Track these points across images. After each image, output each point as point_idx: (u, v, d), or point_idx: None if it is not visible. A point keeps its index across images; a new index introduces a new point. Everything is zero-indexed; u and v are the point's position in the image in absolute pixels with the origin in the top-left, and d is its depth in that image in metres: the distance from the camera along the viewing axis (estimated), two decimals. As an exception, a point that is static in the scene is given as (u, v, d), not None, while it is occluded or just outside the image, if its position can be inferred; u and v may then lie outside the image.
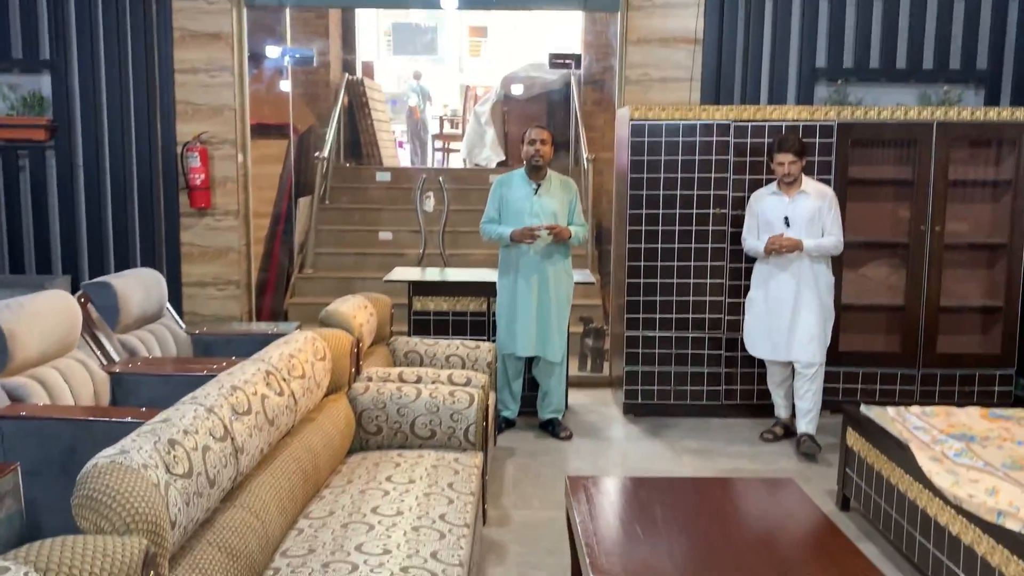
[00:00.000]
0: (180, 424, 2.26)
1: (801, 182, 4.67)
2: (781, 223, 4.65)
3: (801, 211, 4.62)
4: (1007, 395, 5.40)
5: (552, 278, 4.85)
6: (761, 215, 4.75)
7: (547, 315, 4.86)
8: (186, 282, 5.88)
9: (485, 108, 9.92)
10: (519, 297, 4.86)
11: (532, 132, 4.85)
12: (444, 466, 3.32)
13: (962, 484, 2.98)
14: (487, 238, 4.96)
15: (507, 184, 4.91)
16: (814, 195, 4.65)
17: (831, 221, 4.64)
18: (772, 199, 4.73)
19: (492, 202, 4.93)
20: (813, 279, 4.66)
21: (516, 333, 4.87)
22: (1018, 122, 5.19)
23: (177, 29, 5.68)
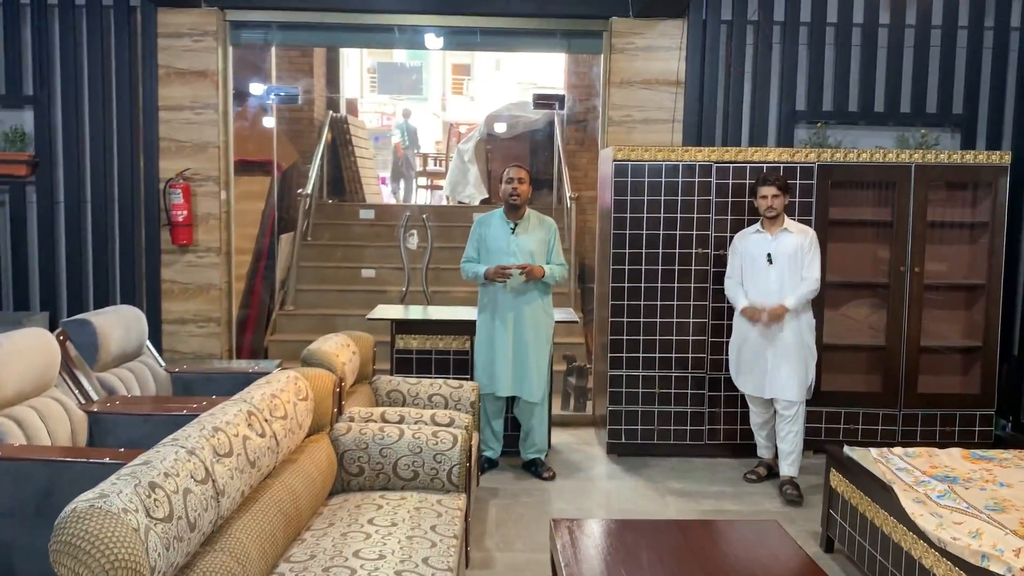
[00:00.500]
0: (161, 466, 2.23)
1: (783, 220, 4.72)
2: (764, 260, 4.69)
3: (784, 248, 4.67)
4: (987, 435, 5.43)
5: (529, 317, 4.84)
6: (744, 253, 4.80)
7: (524, 355, 4.85)
8: (166, 319, 5.82)
9: (468, 146, 9.98)
10: (496, 336, 4.85)
11: (510, 171, 4.88)
12: (427, 508, 3.28)
13: (946, 526, 2.98)
14: (466, 277, 4.98)
15: (486, 223, 4.93)
16: (796, 233, 4.71)
17: (810, 261, 4.69)
18: (755, 237, 4.78)
19: (471, 241, 4.96)
20: (795, 319, 4.68)
21: (494, 373, 4.85)
22: (994, 165, 5.28)
23: (162, 66, 5.69)
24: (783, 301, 4.64)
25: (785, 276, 4.68)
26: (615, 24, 5.75)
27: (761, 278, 4.72)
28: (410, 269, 6.55)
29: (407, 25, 6.10)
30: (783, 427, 4.73)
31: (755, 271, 4.74)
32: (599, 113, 6.13)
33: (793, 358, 4.67)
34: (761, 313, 4.70)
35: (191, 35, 5.69)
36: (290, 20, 5.97)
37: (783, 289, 4.67)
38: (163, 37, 5.68)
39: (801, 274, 4.68)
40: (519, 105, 9.99)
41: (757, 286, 4.74)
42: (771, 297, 4.70)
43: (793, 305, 4.63)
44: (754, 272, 4.75)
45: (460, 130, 14.46)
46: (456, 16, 5.97)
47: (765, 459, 5.01)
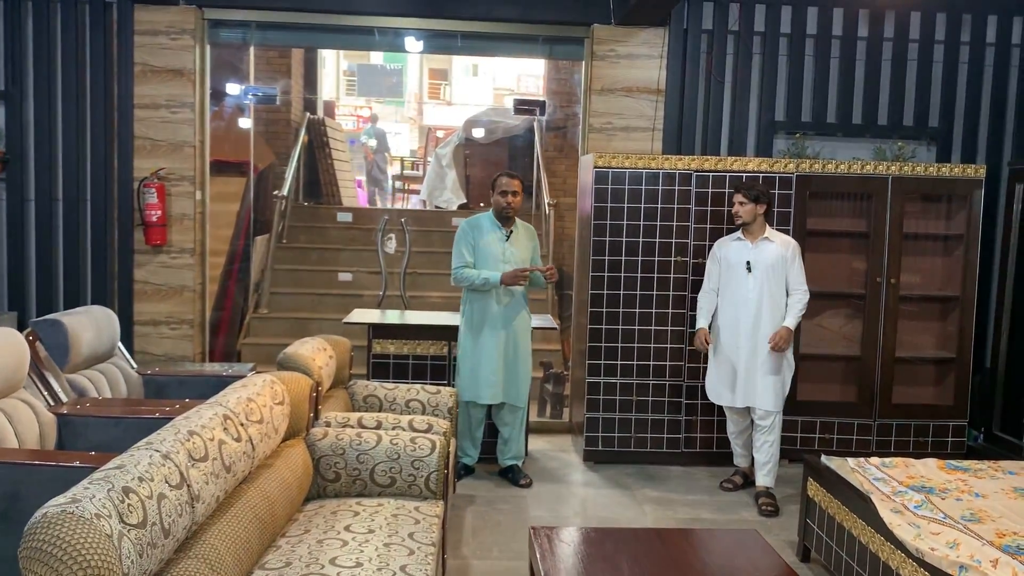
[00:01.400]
0: (135, 471, 2.17)
1: (764, 229, 4.72)
2: (743, 268, 4.69)
3: (764, 257, 4.66)
4: (960, 445, 5.48)
5: (518, 324, 4.84)
6: (723, 260, 4.79)
7: (514, 361, 4.84)
8: (138, 320, 5.73)
9: (447, 150, 9.95)
10: (485, 345, 4.81)
11: (504, 182, 4.81)
12: (404, 515, 3.24)
13: (924, 537, 2.99)
14: (465, 283, 4.80)
15: (477, 228, 4.88)
16: (778, 243, 4.70)
17: (795, 272, 4.68)
18: (735, 244, 4.77)
19: (464, 246, 4.84)
20: (772, 330, 4.66)
21: (481, 381, 4.81)
22: (969, 178, 5.34)
23: (138, 64, 5.60)
24: (784, 323, 4.63)
25: (763, 286, 4.66)
26: (597, 31, 5.75)
27: (739, 286, 4.71)
28: (387, 273, 6.49)
29: (388, 27, 6.06)
30: (760, 437, 4.73)
31: (733, 279, 4.73)
32: (579, 120, 6.12)
33: (771, 368, 4.67)
34: (707, 345, 4.78)
35: (168, 33, 5.61)
36: (269, 20, 5.91)
37: (761, 299, 4.66)
38: (139, 34, 5.60)
39: (784, 287, 4.67)
40: (499, 111, 9.99)
41: (734, 294, 4.73)
42: (748, 306, 4.68)
43: (793, 324, 4.64)
44: (732, 280, 4.74)
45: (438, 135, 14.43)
46: (437, 20, 5.93)
47: (741, 467, 5.01)
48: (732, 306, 4.74)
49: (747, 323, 4.69)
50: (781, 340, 4.61)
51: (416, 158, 14.04)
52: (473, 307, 4.86)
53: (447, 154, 9.95)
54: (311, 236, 8.61)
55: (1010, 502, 3.38)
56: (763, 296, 4.66)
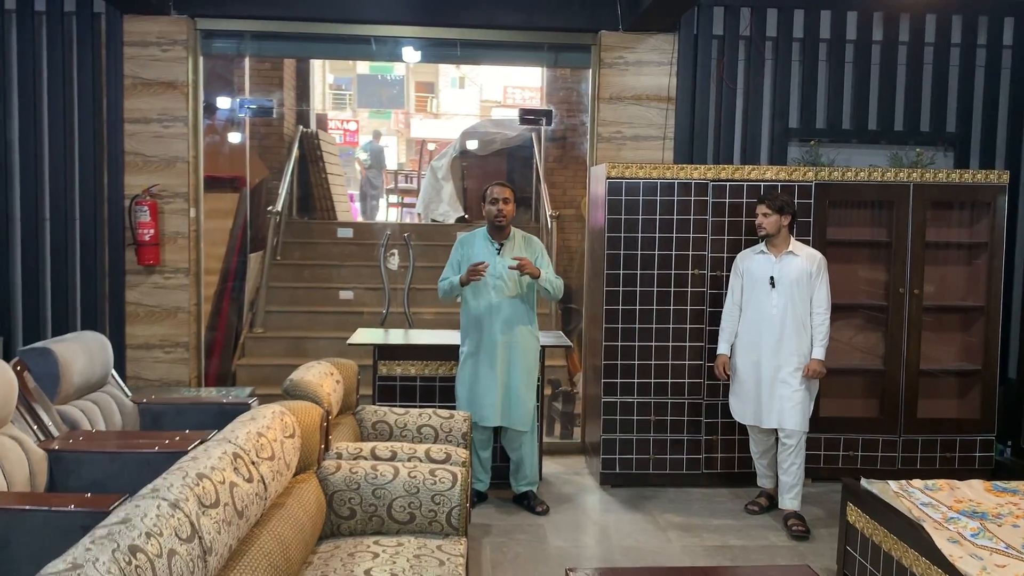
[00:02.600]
0: (141, 525, 1.94)
1: (789, 243, 4.53)
2: (766, 283, 4.50)
3: (788, 272, 4.47)
4: (988, 461, 5.29)
5: (517, 342, 4.59)
6: (747, 275, 4.60)
7: (513, 381, 4.60)
8: (130, 344, 5.47)
9: (442, 163, 9.73)
10: (482, 363, 4.59)
11: (494, 190, 4.62)
12: (427, 555, 3.01)
13: (990, 570, 2.79)
14: (443, 295, 4.70)
15: (469, 244, 4.68)
16: (803, 257, 4.50)
17: (820, 290, 4.48)
18: (759, 258, 4.58)
19: (451, 262, 4.69)
20: (796, 348, 4.47)
21: (481, 402, 4.58)
22: (992, 184, 5.17)
23: (128, 76, 5.37)
24: (813, 355, 4.46)
25: (787, 302, 4.46)
26: (604, 38, 5.57)
27: (762, 302, 4.52)
28: (390, 290, 6.26)
29: (386, 36, 5.86)
30: (786, 458, 4.51)
31: (756, 294, 4.54)
32: (586, 129, 5.94)
33: (795, 386, 4.46)
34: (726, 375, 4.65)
35: (159, 44, 5.38)
36: (263, 30, 5.70)
37: (784, 315, 4.47)
38: (129, 46, 5.37)
39: (809, 303, 4.47)
40: (496, 122, 9.79)
41: (757, 310, 4.54)
42: (771, 323, 4.49)
43: (822, 355, 4.45)
44: (755, 295, 4.55)
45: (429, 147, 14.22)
46: (436, 28, 5.74)
47: (766, 488, 4.80)
48: (754, 323, 4.55)
49: (770, 341, 4.49)
50: (814, 374, 4.45)
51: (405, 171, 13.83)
52: (468, 325, 4.65)
53: (443, 167, 9.74)
54: (308, 252, 8.37)
55: (1069, 528, 3.18)
56: (787, 313, 4.46)
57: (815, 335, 4.49)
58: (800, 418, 4.48)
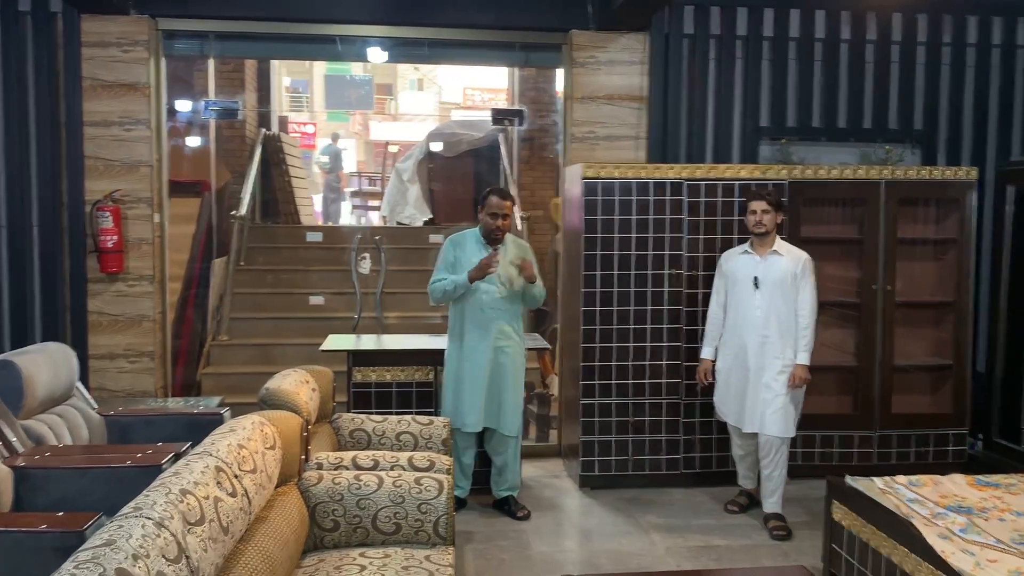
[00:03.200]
0: (127, 547, 1.84)
1: (774, 241, 4.46)
2: (750, 284, 4.43)
3: (772, 273, 4.40)
4: (961, 454, 5.34)
5: (505, 344, 4.54)
6: (730, 275, 4.54)
7: (501, 384, 4.54)
8: (93, 354, 5.30)
9: (407, 164, 9.63)
10: (470, 365, 4.52)
11: (494, 202, 4.49)
12: (416, 567, 2.93)
13: (984, 566, 2.78)
14: (437, 298, 4.55)
15: (460, 245, 4.59)
16: (788, 257, 4.42)
17: (805, 291, 4.38)
18: (743, 258, 4.51)
19: (442, 263, 4.58)
20: (780, 351, 4.39)
21: (468, 405, 4.51)
22: (961, 181, 5.23)
23: (87, 78, 5.20)
24: (797, 360, 4.36)
25: (771, 304, 4.38)
26: (576, 37, 5.52)
27: (745, 303, 4.45)
28: (362, 294, 6.15)
29: (354, 36, 5.75)
30: (767, 463, 4.46)
31: (739, 295, 4.47)
32: (555, 129, 5.90)
33: (778, 391, 4.38)
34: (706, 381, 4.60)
35: (119, 45, 5.22)
36: (227, 30, 5.56)
37: (768, 317, 4.39)
38: (88, 46, 5.20)
39: (793, 306, 4.38)
40: (462, 123, 9.71)
41: (740, 312, 4.48)
42: (754, 325, 4.41)
43: (807, 360, 4.37)
44: (738, 297, 4.48)
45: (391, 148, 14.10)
46: (405, 27, 5.65)
47: (746, 488, 4.78)
48: (738, 324, 4.49)
49: (753, 342, 4.42)
50: (800, 381, 4.37)
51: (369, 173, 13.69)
52: (457, 328, 4.57)
53: (408, 168, 9.63)
54: (274, 257, 8.20)
55: (1055, 520, 3.20)
56: (770, 315, 4.38)
57: (800, 339, 4.38)
58: (781, 424, 4.39)
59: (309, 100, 19.91)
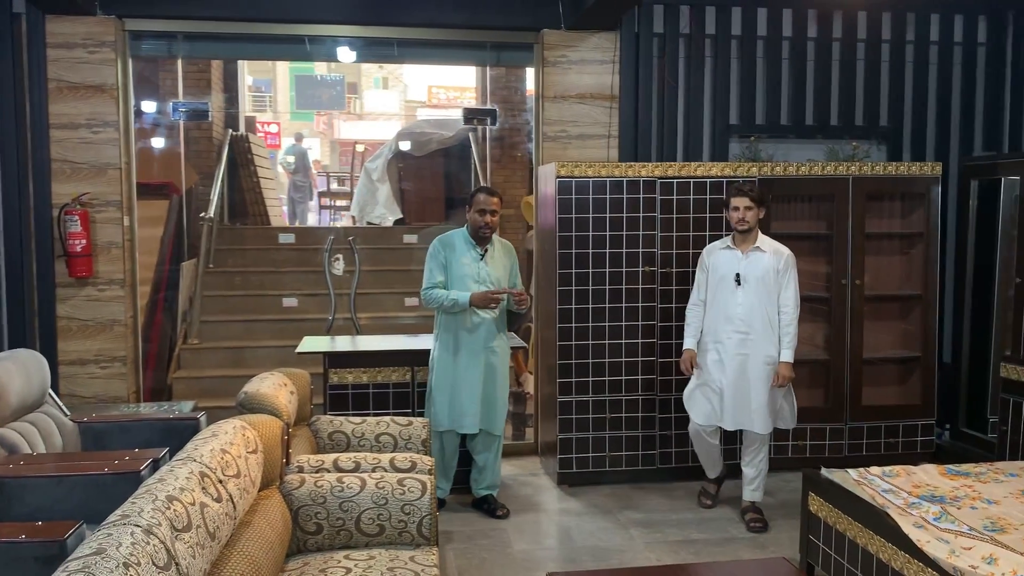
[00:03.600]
0: (117, 555, 1.83)
1: (756, 237, 4.44)
2: (732, 280, 4.39)
3: (754, 269, 4.36)
4: (929, 444, 5.45)
5: (497, 348, 4.59)
6: (713, 270, 4.49)
7: (493, 387, 4.58)
8: (63, 360, 5.22)
9: (377, 164, 9.58)
10: (465, 371, 4.51)
11: (482, 199, 4.50)
12: (401, 567, 2.93)
13: (959, 554, 2.85)
14: (434, 305, 4.54)
15: (449, 246, 4.57)
16: (770, 253, 4.39)
17: (788, 288, 4.37)
18: (725, 253, 4.47)
19: (435, 265, 4.55)
20: (762, 348, 4.37)
21: (463, 409, 4.51)
22: (926, 176, 5.33)
23: (53, 80, 5.12)
24: (781, 358, 4.34)
25: (753, 300, 4.34)
26: (547, 36, 5.54)
27: (727, 300, 4.40)
28: (336, 296, 6.11)
29: (324, 36, 5.73)
30: (751, 455, 4.50)
31: (721, 292, 4.43)
32: (526, 128, 5.92)
33: (761, 389, 4.38)
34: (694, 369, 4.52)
35: (85, 46, 5.15)
36: (196, 30, 5.52)
37: (751, 314, 4.35)
38: (53, 47, 5.12)
39: (776, 302, 4.37)
40: (432, 122, 9.69)
41: (722, 309, 4.43)
42: (736, 322, 4.37)
43: (791, 357, 4.35)
44: (720, 293, 4.43)
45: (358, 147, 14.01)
46: (375, 27, 5.63)
47: (712, 477, 4.77)
48: (719, 321, 4.44)
49: (735, 340, 4.38)
50: (784, 380, 4.37)
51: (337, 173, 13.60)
52: (449, 331, 4.56)
53: (377, 168, 9.59)
54: (244, 259, 8.13)
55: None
56: (753, 312, 4.35)
57: (783, 336, 4.36)
58: (764, 421, 4.40)
59: (273, 100, 19.74)
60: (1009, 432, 4.70)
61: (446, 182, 9.08)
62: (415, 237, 7.96)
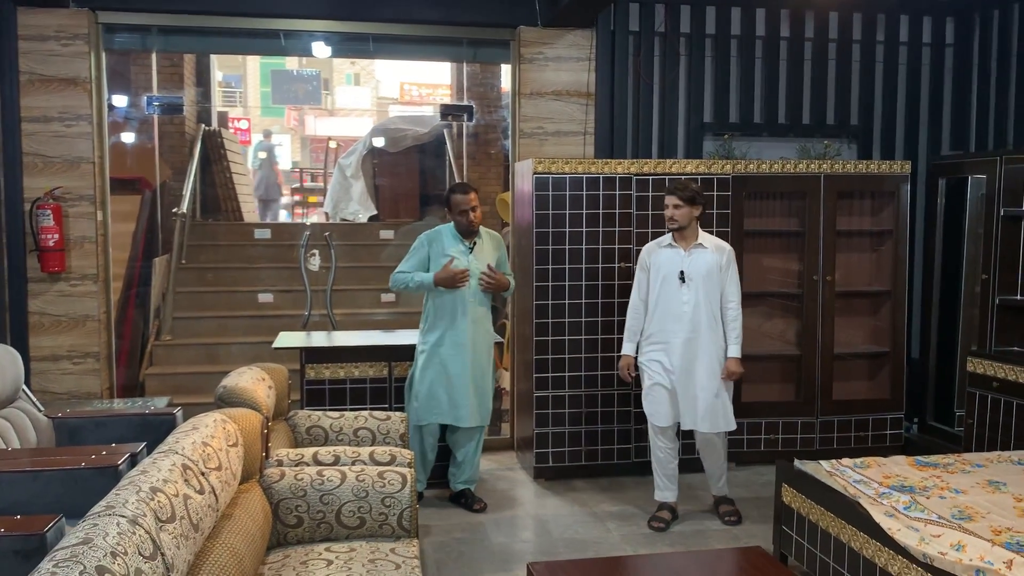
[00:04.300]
0: (105, 544, 1.83)
1: (697, 235, 4.38)
2: (676, 278, 4.34)
3: (698, 266, 4.32)
4: (898, 438, 5.55)
5: (483, 339, 4.61)
6: (655, 269, 4.41)
7: (483, 379, 4.61)
8: (35, 356, 5.17)
9: (351, 160, 9.55)
10: (455, 363, 4.53)
11: (458, 200, 4.52)
12: (382, 559, 2.95)
13: (928, 541, 2.92)
14: (399, 287, 4.60)
15: (436, 240, 4.60)
16: (712, 249, 4.35)
17: (730, 282, 4.36)
18: (667, 252, 4.40)
19: (413, 256, 4.59)
20: (710, 345, 4.33)
21: (446, 403, 4.53)
22: (896, 174, 5.43)
23: (25, 73, 5.06)
24: (729, 353, 4.32)
25: (700, 297, 4.29)
26: (523, 33, 5.57)
27: (672, 298, 4.33)
28: (312, 291, 6.10)
29: (299, 31, 5.71)
30: (709, 453, 4.44)
31: (666, 291, 4.34)
32: (501, 125, 5.95)
33: (711, 387, 4.32)
34: (631, 377, 4.47)
35: (58, 38, 5.09)
36: (169, 24, 5.47)
37: (697, 312, 4.29)
38: (25, 40, 5.06)
39: (721, 298, 4.35)
40: (406, 118, 9.68)
41: (668, 308, 4.34)
42: (683, 321, 4.30)
43: (738, 352, 4.33)
44: (665, 292, 4.35)
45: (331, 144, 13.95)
46: (351, 22, 5.62)
47: (668, 502, 4.48)
48: (665, 320, 4.35)
49: (681, 338, 4.31)
50: (733, 375, 4.35)
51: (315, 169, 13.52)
52: (436, 325, 4.58)
53: (351, 164, 9.56)
54: (217, 255, 8.08)
55: (991, 496, 3.37)
56: (699, 309, 4.30)
57: (729, 331, 4.34)
58: (720, 420, 4.34)
59: (243, 95, 19.58)
60: (975, 425, 4.81)
61: (421, 178, 9.09)
62: (392, 233, 7.95)
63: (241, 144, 14.77)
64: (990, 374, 4.76)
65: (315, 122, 20.32)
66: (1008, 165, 5.08)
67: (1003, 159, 5.09)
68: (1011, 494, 3.38)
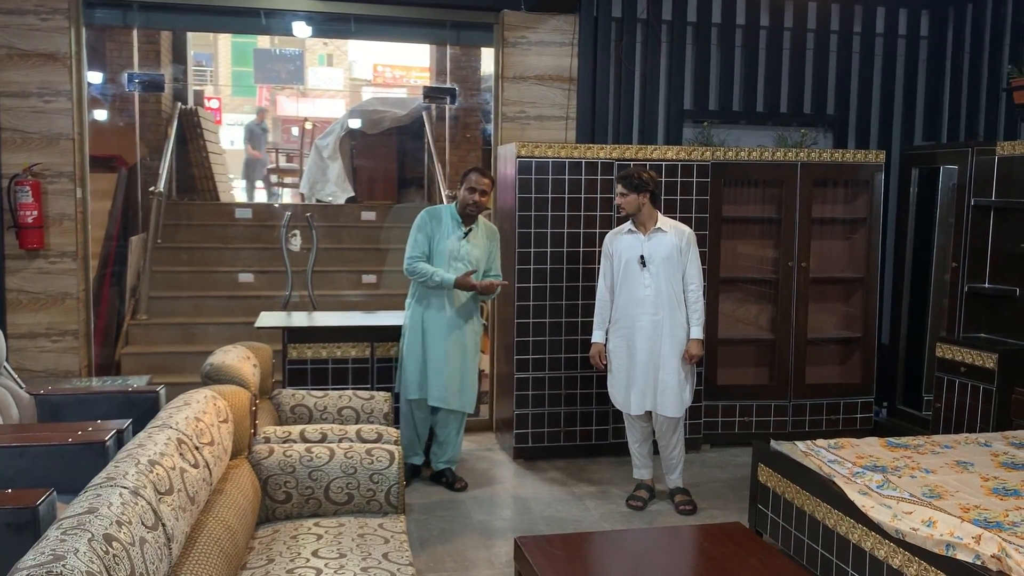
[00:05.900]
0: (110, 514, 1.87)
1: (656, 220, 4.39)
2: (636, 262, 4.36)
3: (658, 250, 4.34)
4: (868, 421, 5.69)
5: (469, 326, 4.67)
6: (617, 255, 4.43)
7: (466, 365, 4.65)
8: (13, 334, 5.13)
9: (328, 141, 9.51)
10: (438, 346, 4.57)
11: (474, 179, 4.54)
12: (371, 534, 3.00)
13: (900, 517, 3.03)
14: (417, 277, 4.54)
15: (436, 219, 4.62)
16: (672, 233, 4.37)
17: (691, 264, 4.37)
18: (628, 237, 4.43)
19: (420, 236, 4.57)
20: (671, 329, 4.35)
21: (435, 383, 4.58)
22: (870, 164, 5.54)
23: (3, 47, 5.00)
24: (691, 335, 4.34)
25: (661, 281, 4.32)
26: (507, 17, 5.59)
27: (634, 283, 4.37)
28: (292, 272, 6.10)
29: (281, 10, 5.68)
30: (667, 441, 4.46)
31: (628, 275, 4.38)
32: (481, 108, 5.97)
33: (674, 371, 4.34)
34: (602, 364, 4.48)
35: (37, 12, 5.03)
36: (150, 0, 5.42)
37: (658, 295, 4.32)
38: (3, 14, 4.99)
39: (682, 281, 4.36)
40: (384, 100, 9.65)
41: (630, 292, 4.38)
42: (644, 304, 4.34)
43: (701, 334, 4.35)
44: (628, 277, 4.38)
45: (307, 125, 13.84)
46: (334, 2, 5.61)
47: (645, 480, 4.58)
48: (628, 305, 4.39)
49: (645, 322, 4.34)
50: (695, 357, 4.37)
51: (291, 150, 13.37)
52: (422, 303, 4.62)
53: (328, 145, 9.52)
54: (194, 235, 8.03)
55: (959, 476, 3.49)
56: (660, 292, 4.32)
57: (691, 313, 4.36)
58: (678, 404, 4.37)
59: (214, 74, 19.34)
60: (943, 408, 4.95)
61: (399, 160, 9.08)
62: (373, 214, 7.96)
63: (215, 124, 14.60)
64: (958, 359, 4.90)
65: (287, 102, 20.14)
66: (979, 156, 5.20)
67: (974, 150, 5.22)
68: (978, 474, 3.51)
